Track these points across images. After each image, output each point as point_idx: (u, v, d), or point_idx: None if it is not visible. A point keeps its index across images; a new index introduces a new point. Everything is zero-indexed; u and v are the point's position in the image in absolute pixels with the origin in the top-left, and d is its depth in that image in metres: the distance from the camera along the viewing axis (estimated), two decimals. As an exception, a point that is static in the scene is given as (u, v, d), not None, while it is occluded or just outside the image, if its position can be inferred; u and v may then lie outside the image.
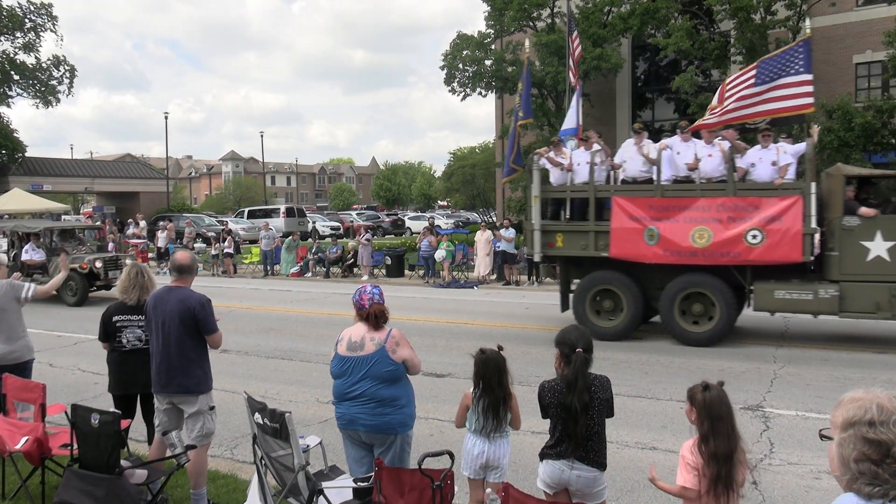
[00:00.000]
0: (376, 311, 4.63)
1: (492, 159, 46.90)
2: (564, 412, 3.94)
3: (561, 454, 3.99)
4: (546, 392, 4.08)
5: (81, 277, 17.06)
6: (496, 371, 4.40)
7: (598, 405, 3.96)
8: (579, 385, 3.93)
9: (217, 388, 5.88)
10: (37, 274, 17.42)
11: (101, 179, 53.98)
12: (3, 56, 47.58)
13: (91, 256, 17.79)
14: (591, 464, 3.97)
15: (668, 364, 10.12)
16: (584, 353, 4.00)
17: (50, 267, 17.47)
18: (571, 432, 3.93)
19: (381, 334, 4.59)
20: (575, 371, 3.96)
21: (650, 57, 36.79)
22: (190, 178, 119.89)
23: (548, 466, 4.06)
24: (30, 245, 17.70)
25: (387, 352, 4.52)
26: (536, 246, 12.24)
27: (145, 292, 5.69)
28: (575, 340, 4.05)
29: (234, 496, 5.47)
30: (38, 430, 5.34)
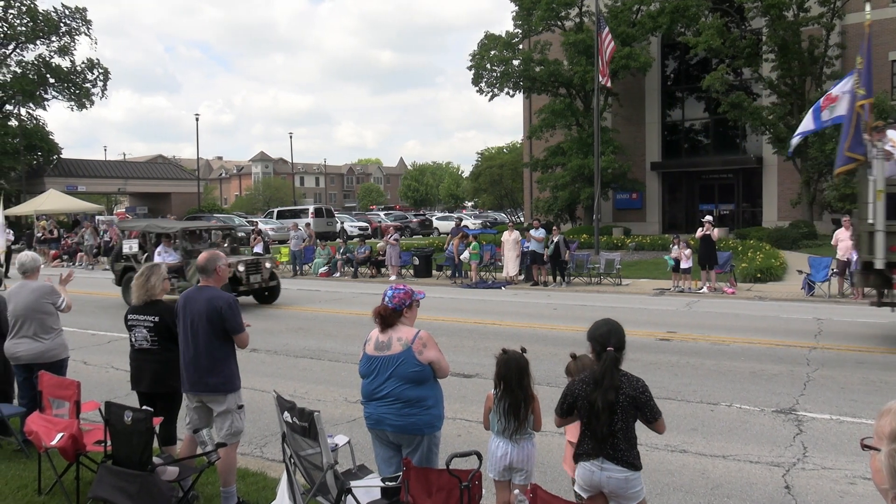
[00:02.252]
0: (380, 311, 4.65)
1: (519, 159, 46.81)
2: (589, 409, 3.92)
3: (589, 454, 3.96)
4: (575, 385, 4.05)
5: None
6: (517, 372, 4.39)
7: (624, 403, 3.90)
8: (606, 383, 3.89)
9: (246, 387, 5.93)
10: (172, 278, 15.78)
11: (134, 180, 54.84)
12: (39, 60, 48.53)
13: (232, 259, 15.84)
14: (620, 463, 3.89)
15: (699, 366, 10.00)
16: (615, 352, 3.95)
17: (188, 270, 16.01)
18: (597, 432, 3.90)
19: (409, 335, 4.57)
20: (603, 369, 3.93)
21: (680, 55, 36.43)
22: (220, 179, 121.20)
23: (581, 469, 4.02)
24: (162, 247, 16.35)
25: (413, 353, 4.51)
26: (879, 250, 10.24)
27: (152, 293, 5.76)
28: (606, 337, 4.02)
29: (263, 494, 5.52)
30: (72, 426, 5.43)
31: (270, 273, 16.76)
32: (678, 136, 38.10)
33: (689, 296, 17.47)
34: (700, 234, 17.86)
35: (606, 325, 4.11)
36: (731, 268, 18.90)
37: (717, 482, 5.93)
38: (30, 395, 6.55)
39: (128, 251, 17.05)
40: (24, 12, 47.01)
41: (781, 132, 28.87)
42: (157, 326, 5.64)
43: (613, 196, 36.30)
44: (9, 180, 46.68)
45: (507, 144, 75.90)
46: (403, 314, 4.67)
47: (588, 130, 31.75)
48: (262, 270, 16.35)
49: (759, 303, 16.34)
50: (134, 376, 5.82)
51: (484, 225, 48.37)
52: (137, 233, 17.76)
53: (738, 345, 11.36)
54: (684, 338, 11.98)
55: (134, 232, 17.98)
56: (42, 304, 6.61)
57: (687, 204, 37.50)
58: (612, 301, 16.81)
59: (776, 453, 6.53)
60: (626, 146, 34.70)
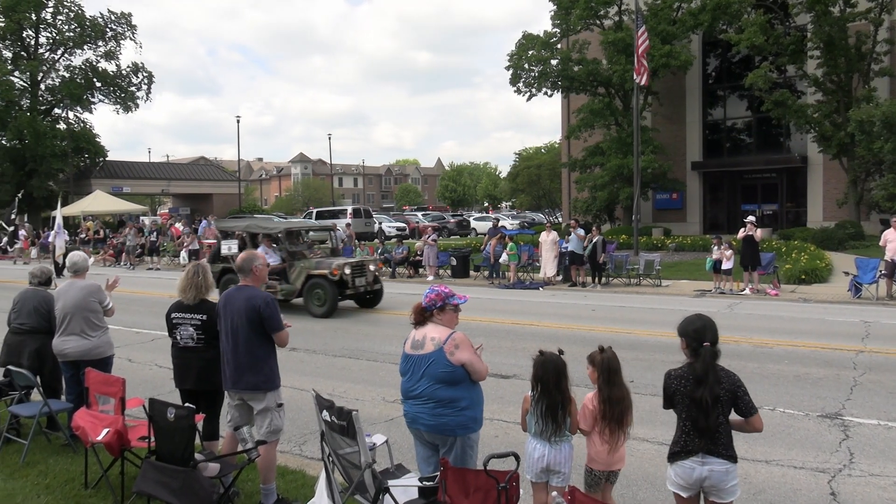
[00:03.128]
0: (416, 307, 4.76)
1: (557, 159, 46.53)
2: (695, 406, 3.89)
3: (690, 450, 3.94)
4: (673, 380, 4.03)
5: (331, 285, 14.74)
6: (554, 374, 4.37)
7: (725, 397, 3.92)
8: (710, 379, 3.89)
9: (286, 386, 6.00)
10: (273, 280, 15.03)
11: (177, 181, 55.85)
12: (86, 64, 49.75)
13: (339, 261, 15.34)
14: (721, 456, 3.91)
15: (741, 369, 9.75)
16: (712, 346, 3.95)
17: (291, 273, 15.38)
18: (703, 427, 3.88)
19: (443, 335, 4.58)
20: (705, 365, 3.92)
21: (722, 53, 35.88)
22: (261, 180, 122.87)
23: (678, 468, 4.00)
24: (263, 248, 15.44)
25: (444, 353, 4.51)
26: None
27: (201, 292, 5.81)
28: (701, 332, 3.99)
29: (302, 492, 5.57)
30: (118, 422, 5.56)
31: (374, 276, 15.93)
32: (720, 135, 37.50)
33: (731, 297, 17.18)
34: (742, 234, 17.55)
35: (700, 320, 4.08)
36: (775, 269, 18.53)
37: (759, 487, 5.82)
38: (77, 391, 6.72)
39: (227, 252, 16.25)
40: (73, 18, 48.26)
41: (827, 130, 28.24)
42: (205, 325, 5.72)
43: (653, 196, 35.87)
44: (57, 182, 47.93)
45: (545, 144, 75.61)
46: (434, 315, 4.68)
47: (627, 130, 31.43)
48: (366, 273, 15.51)
49: (804, 305, 15.99)
50: (178, 374, 5.91)
51: (522, 225, 48.20)
52: (239, 233, 16.91)
53: (782, 348, 11.14)
54: (726, 340, 11.73)
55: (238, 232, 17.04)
56: (89, 303, 6.78)
57: (729, 204, 36.90)
58: (651, 302, 16.61)
59: (821, 459, 6.38)
60: (667, 146, 34.27)
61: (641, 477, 6.00)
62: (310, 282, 15.08)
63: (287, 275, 15.46)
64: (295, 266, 15.43)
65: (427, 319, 4.69)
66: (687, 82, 35.65)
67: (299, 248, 16.47)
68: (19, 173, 45.86)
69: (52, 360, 7.03)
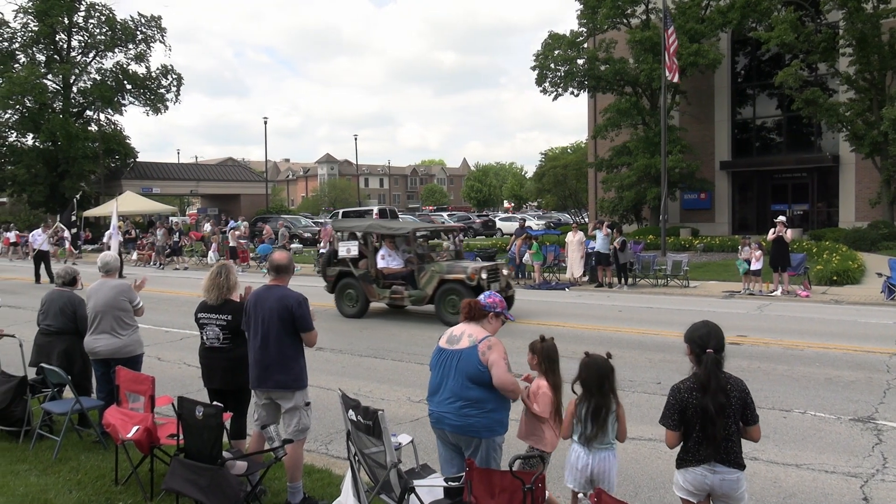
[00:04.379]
0: (470, 302, 4.84)
1: (584, 159, 46.28)
2: (702, 414, 3.84)
3: (701, 459, 3.89)
4: (682, 392, 3.96)
5: (467, 290, 13.24)
6: (597, 376, 4.35)
7: (735, 405, 3.86)
8: (713, 386, 3.83)
9: (312, 385, 6.03)
10: (398, 285, 14.20)
11: (205, 182, 56.43)
12: (117, 67, 50.51)
13: (475, 265, 14.14)
14: (731, 465, 3.88)
15: (770, 371, 9.69)
16: (715, 353, 3.89)
17: (421, 278, 14.00)
18: (710, 435, 3.83)
19: (479, 334, 4.62)
20: (707, 372, 3.86)
21: (751, 51, 35.42)
22: (287, 181, 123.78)
23: (688, 474, 3.96)
24: (385, 250, 14.65)
25: (477, 351, 4.52)
26: None
27: (224, 293, 5.84)
28: (705, 338, 3.94)
29: (328, 490, 5.60)
30: (147, 420, 5.63)
31: (506, 281, 14.64)
32: (749, 134, 37.03)
33: (761, 299, 16.95)
34: (773, 235, 17.31)
35: (705, 326, 4.03)
36: (806, 270, 18.25)
37: (789, 491, 5.74)
38: (107, 389, 6.82)
39: (345, 254, 14.98)
40: (104, 21, 49.02)
41: (859, 129, 27.74)
42: (230, 325, 5.76)
43: (681, 196, 35.52)
44: (89, 183, 48.73)
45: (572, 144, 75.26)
46: (489, 318, 4.76)
47: (655, 129, 31.16)
48: (500, 278, 14.23)
49: (836, 306, 15.73)
50: (205, 374, 5.98)
51: (548, 226, 48.02)
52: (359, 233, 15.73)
53: (813, 350, 10.96)
54: (755, 342, 11.64)
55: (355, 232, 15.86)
56: (120, 302, 6.88)
57: (758, 204, 36.42)
58: (678, 303, 16.45)
59: (853, 463, 6.27)
60: (695, 145, 33.92)
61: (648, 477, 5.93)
62: (443, 287, 13.80)
63: (415, 279, 14.18)
64: (425, 270, 14.09)
65: (474, 319, 4.74)
66: (715, 81, 35.25)
67: (426, 251, 15.32)
68: (52, 174, 46.69)
69: (81, 360, 7.15)
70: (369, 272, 14.67)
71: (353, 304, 14.95)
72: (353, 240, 15.42)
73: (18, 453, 6.69)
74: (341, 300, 15.17)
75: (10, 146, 48.32)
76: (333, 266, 15.33)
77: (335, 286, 15.26)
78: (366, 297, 14.72)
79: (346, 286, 15.06)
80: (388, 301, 14.59)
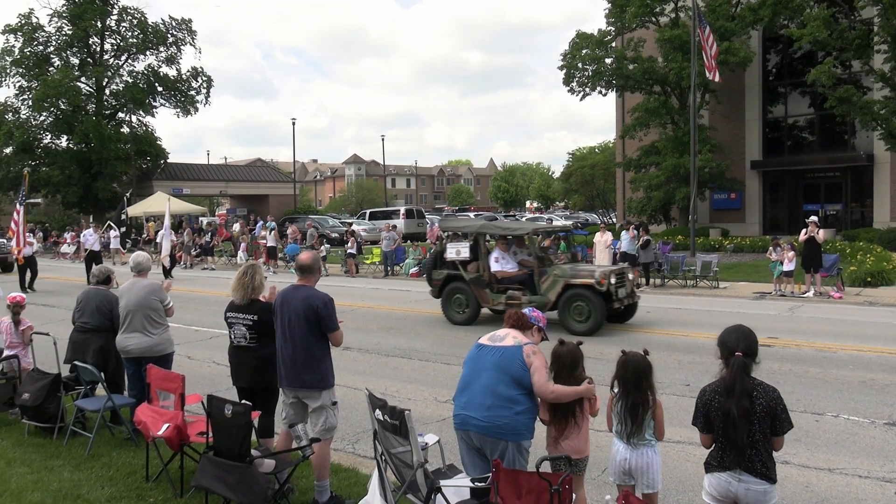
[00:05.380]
0: (517, 313, 4.92)
1: (612, 159, 45.95)
2: (724, 418, 3.80)
3: (726, 465, 3.84)
4: (706, 395, 3.93)
5: (597, 297, 12.44)
6: (634, 374, 4.37)
7: (761, 413, 3.77)
8: (737, 390, 3.77)
9: (339, 384, 6.07)
10: (514, 290, 12.43)
11: (234, 183, 57.01)
12: (148, 69, 51.28)
13: (602, 269, 13.11)
14: (758, 476, 3.79)
15: (802, 374, 9.54)
16: (744, 357, 3.83)
17: (543, 282, 13.00)
18: (732, 440, 3.78)
19: (525, 339, 4.68)
20: (733, 375, 3.81)
21: (783, 49, 34.89)
22: (315, 181, 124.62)
23: (713, 479, 3.91)
24: (498, 252, 13.76)
25: (522, 352, 4.55)
26: None
27: (250, 293, 5.88)
28: (735, 343, 3.89)
29: (354, 489, 5.63)
30: (177, 417, 5.70)
31: (632, 287, 13.62)
32: (780, 133, 36.49)
33: (792, 300, 16.69)
34: (804, 235, 17.04)
35: (736, 330, 3.98)
36: (839, 271, 17.94)
37: (822, 496, 5.64)
38: (139, 386, 6.93)
39: (453, 256, 13.97)
40: (136, 25, 49.82)
41: (895, 127, 27.19)
42: (256, 325, 5.81)
43: (710, 196, 35.11)
44: (121, 184, 49.50)
45: (599, 144, 74.77)
46: (532, 330, 4.87)
47: (684, 129, 30.84)
48: (626, 283, 13.19)
49: (870, 308, 15.44)
50: (234, 372, 6.04)
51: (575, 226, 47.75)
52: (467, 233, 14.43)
53: (846, 352, 10.77)
54: (787, 344, 11.46)
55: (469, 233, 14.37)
56: (151, 301, 6.98)
57: (790, 204, 35.87)
58: (708, 304, 16.26)
59: (888, 468, 6.15)
60: (725, 144, 33.50)
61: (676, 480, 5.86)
62: (568, 293, 12.73)
63: (535, 284, 13.09)
64: (548, 274, 13.00)
65: (519, 328, 4.82)
66: (746, 79, 34.78)
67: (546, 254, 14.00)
68: (85, 175, 47.55)
69: (116, 357, 7.26)
70: (481, 276, 13.65)
71: (463, 310, 13.93)
72: (461, 241, 14.31)
73: (52, 449, 6.82)
74: (449, 306, 14.13)
75: (45, 148, 49.30)
76: (442, 269, 14.29)
77: (441, 291, 14.22)
78: (477, 302, 13.68)
79: (455, 291, 13.99)
80: (504, 307, 12.91)
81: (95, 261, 23.26)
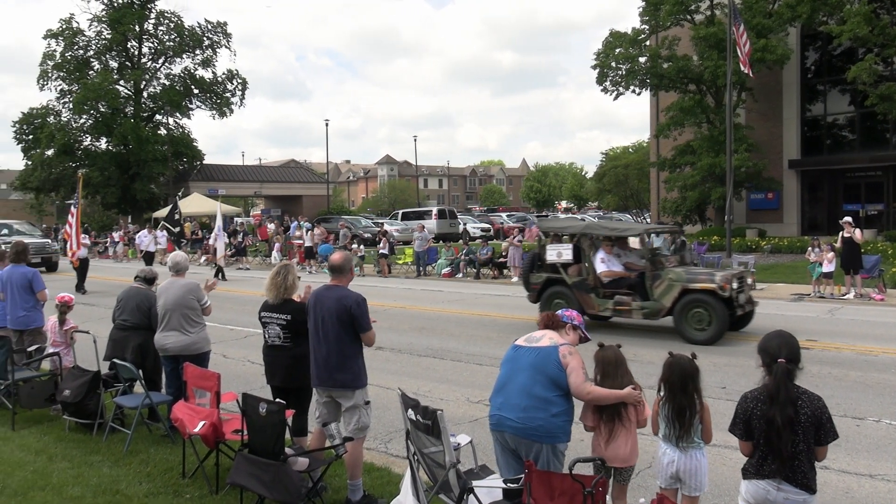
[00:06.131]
0: (549, 315, 4.91)
1: (646, 159, 45.50)
2: (767, 426, 3.72)
3: (765, 473, 3.77)
4: (748, 402, 3.85)
5: (718, 303, 11.51)
6: (680, 377, 4.32)
7: (806, 422, 3.69)
8: (781, 397, 3.69)
9: (372, 384, 6.09)
10: (623, 295, 12.24)
11: (269, 184, 57.63)
12: (185, 72, 52.13)
13: (723, 273, 12.04)
14: (799, 486, 3.70)
15: (842, 377, 9.35)
16: (787, 364, 3.75)
17: (656, 287, 11.98)
18: (775, 448, 3.70)
19: (561, 339, 4.66)
20: (776, 383, 3.72)
21: (822, 46, 34.21)
22: (348, 182, 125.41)
23: (751, 486, 3.84)
24: (603, 253, 12.66)
25: (558, 351, 4.53)
26: None
27: (282, 293, 5.93)
28: (777, 349, 3.81)
29: (387, 489, 5.64)
30: (213, 415, 5.78)
31: (749, 293, 12.50)
32: (819, 131, 35.79)
33: (832, 302, 16.36)
34: (843, 236, 16.70)
35: (778, 336, 3.90)
36: (880, 273, 17.53)
37: (863, 503, 5.52)
38: (176, 384, 7.04)
39: (554, 258, 13.07)
40: (172, 28, 50.69)
41: (939, 125, 26.53)
42: (290, 324, 5.86)
43: (747, 196, 34.57)
44: (158, 185, 50.38)
45: (633, 144, 74.09)
46: (566, 328, 4.82)
47: (720, 128, 30.42)
48: (745, 288, 12.19)
49: (913, 311, 15.07)
50: (268, 371, 6.10)
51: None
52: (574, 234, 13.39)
53: (889, 356, 10.52)
54: (826, 346, 11.24)
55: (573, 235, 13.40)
56: (188, 300, 7.09)
57: (829, 204, 35.14)
58: (745, 306, 15.98)
59: (932, 475, 5.99)
60: (762, 143, 32.96)
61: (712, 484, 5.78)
62: (685, 298, 11.77)
63: (647, 288, 12.12)
64: (661, 278, 12.00)
65: (552, 328, 4.80)
66: (784, 77, 34.18)
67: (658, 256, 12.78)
68: (123, 177, 48.51)
69: (154, 355, 7.39)
70: (585, 280, 12.69)
71: None
72: (563, 242, 13.38)
73: (92, 445, 6.96)
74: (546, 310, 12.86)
75: (85, 150, 50.41)
76: (541, 272, 13.32)
77: (540, 295, 13.29)
78: (580, 307, 12.29)
79: (556, 295, 13.02)
80: (611, 313, 12.65)
81: (151, 262, 23.67)
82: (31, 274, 8.65)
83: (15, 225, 31.90)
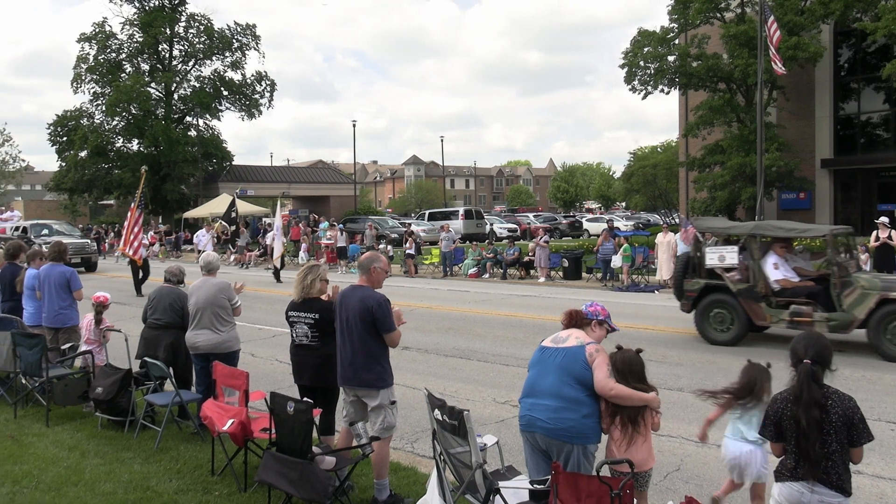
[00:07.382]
0: (572, 311, 4.88)
1: (674, 159, 45.10)
2: (796, 427, 3.70)
3: (798, 476, 3.73)
4: (778, 403, 3.84)
5: None
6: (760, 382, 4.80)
7: (837, 423, 3.64)
8: (804, 399, 3.66)
9: (398, 384, 6.11)
10: (800, 305, 10.90)
11: (297, 185, 58.05)
12: (214, 74, 52.74)
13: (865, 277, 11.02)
14: (833, 487, 3.66)
15: (876, 381, 9.18)
16: (812, 365, 3.71)
17: (845, 296, 10.62)
18: (805, 451, 3.67)
19: (587, 338, 4.64)
20: (799, 383, 3.71)
21: (855, 43, 33.60)
22: (375, 182, 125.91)
23: (784, 488, 3.81)
24: (775, 257, 11.43)
25: (585, 350, 4.51)
26: None
27: (308, 291, 5.97)
28: (804, 350, 3.79)
29: (413, 489, 5.66)
30: (242, 414, 5.84)
31: None
32: (853, 130, 35.16)
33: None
34: (876, 241, 16.38)
35: (806, 337, 3.89)
36: (916, 274, 17.16)
37: (897, 508, 5.41)
38: (206, 382, 7.12)
39: (715, 262, 11.81)
40: (203, 31, 51.33)
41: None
42: (317, 324, 5.90)
43: (778, 196, 34.07)
44: (188, 186, 51.02)
45: (661, 143, 73.45)
46: (591, 325, 4.79)
47: (750, 127, 30.01)
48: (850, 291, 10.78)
49: (950, 313, 14.71)
50: (295, 370, 6.14)
51: (636, 227, 47.01)
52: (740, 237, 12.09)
53: (924, 359, 10.30)
54: (859, 350, 11.04)
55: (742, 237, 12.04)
56: (219, 299, 7.18)
57: (863, 204, 34.51)
58: (775, 307, 15.76)
59: (970, 481, 5.86)
60: (793, 142, 32.47)
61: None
62: (883, 309, 10.37)
63: (832, 298, 10.81)
64: (851, 286, 10.65)
65: (577, 326, 4.78)
66: (816, 75, 33.64)
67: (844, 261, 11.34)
68: (155, 178, 49.15)
69: (185, 354, 7.49)
70: (754, 287, 11.32)
71: (726, 327, 11.63)
72: (727, 245, 12.10)
73: (124, 442, 7.07)
74: (706, 322, 11.84)
75: (118, 151, 51.20)
76: (695, 279, 12.09)
77: (696, 304, 12.03)
78: (747, 319, 11.35)
79: (715, 304, 11.76)
80: (787, 325, 11.06)
81: None
82: (70, 273, 8.81)
83: (55, 225, 32.51)
